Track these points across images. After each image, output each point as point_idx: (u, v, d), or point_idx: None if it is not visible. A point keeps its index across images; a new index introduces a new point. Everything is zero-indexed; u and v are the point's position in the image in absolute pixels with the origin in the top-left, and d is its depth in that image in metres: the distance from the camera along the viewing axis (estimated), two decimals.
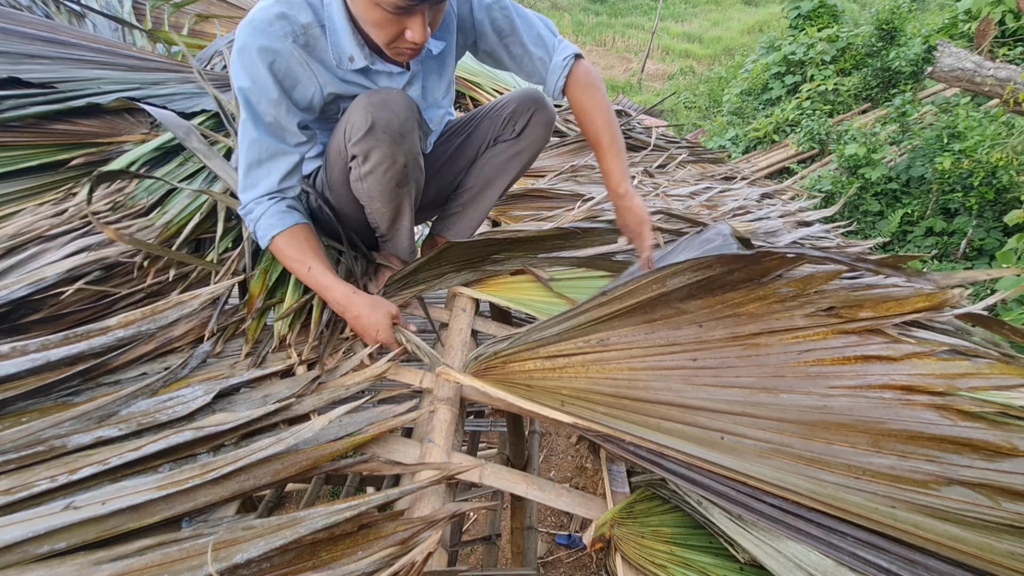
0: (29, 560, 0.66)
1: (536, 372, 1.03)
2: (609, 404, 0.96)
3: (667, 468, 0.87)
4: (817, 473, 0.84)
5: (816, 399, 0.94)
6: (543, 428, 3.97)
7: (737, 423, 0.91)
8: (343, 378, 1.06)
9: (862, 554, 0.76)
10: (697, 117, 9.26)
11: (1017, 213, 3.34)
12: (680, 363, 1.01)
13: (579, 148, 2.87)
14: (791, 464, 0.86)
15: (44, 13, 2.26)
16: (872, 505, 0.80)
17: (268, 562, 0.71)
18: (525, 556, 2.11)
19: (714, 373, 0.99)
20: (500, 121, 1.34)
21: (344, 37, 1.04)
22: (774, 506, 0.82)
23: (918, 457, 0.86)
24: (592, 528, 0.90)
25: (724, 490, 0.84)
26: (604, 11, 15.37)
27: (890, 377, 0.96)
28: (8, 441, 0.78)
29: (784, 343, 1.03)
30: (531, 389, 1.00)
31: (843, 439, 0.88)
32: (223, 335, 1.10)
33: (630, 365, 1.01)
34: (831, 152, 5.23)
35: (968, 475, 0.83)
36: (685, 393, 0.96)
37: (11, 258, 1.14)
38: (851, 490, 0.82)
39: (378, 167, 1.10)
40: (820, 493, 0.81)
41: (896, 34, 6.45)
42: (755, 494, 0.83)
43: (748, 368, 0.99)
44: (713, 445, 0.89)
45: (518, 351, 1.05)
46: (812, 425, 0.90)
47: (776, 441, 0.89)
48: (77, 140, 1.51)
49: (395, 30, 0.95)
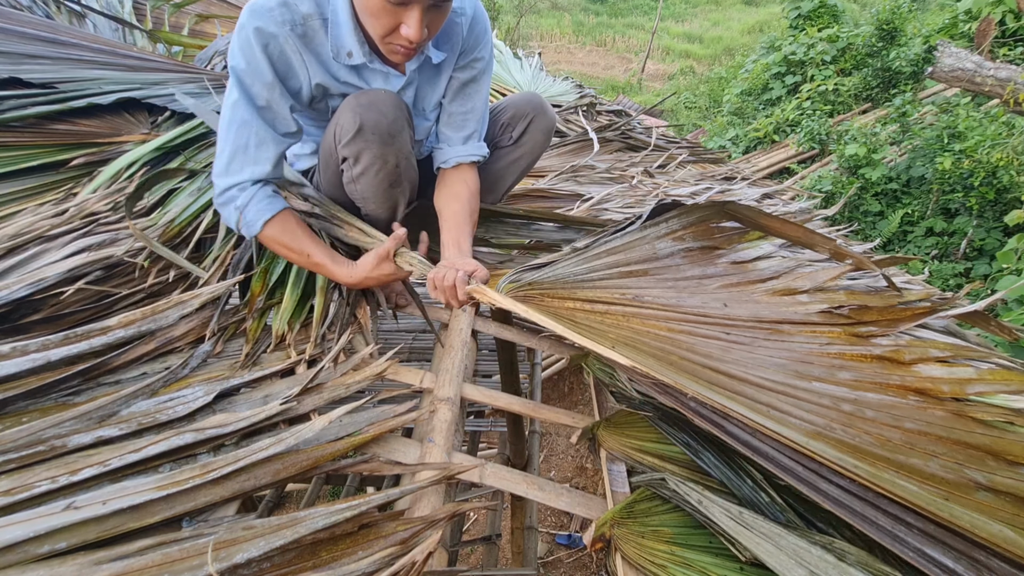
0: (30, 560, 0.66)
1: (579, 312, 0.98)
2: (657, 357, 0.91)
3: (729, 432, 0.82)
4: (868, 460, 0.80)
5: (846, 391, 0.91)
6: (543, 428, 3.97)
7: (781, 401, 0.87)
8: (343, 378, 1.06)
9: (928, 551, 0.71)
10: (697, 117, 9.26)
11: (1017, 213, 3.34)
12: (715, 334, 0.98)
13: (579, 148, 2.87)
14: (835, 449, 0.80)
15: (44, 13, 2.26)
16: (927, 495, 0.75)
17: (268, 562, 0.71)
18: (525, 556, 2.11)
19: (748, 349, 0.96)
20: (497, 127, 1.34)
21: (346, 31, 1.04)
22: (840, 487, 0.76)
23: (948, 458, 0.83)
24: (592, 528, 0.90)
25: (790, 464, 0.78)
26: (604, 11, 15.37)
27: (903, 379, 0.95)
28: (8, 441, 0.78)
29: (806, 334, 1.02)
30: (578, 325, 0.95)
31: (879, 432, 0.85)
32: (223, 335, 1.10)
33: (668, 326, 0.98)
34: (831, 152, 5.23)
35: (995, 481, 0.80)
36: (726, 362, 0.92)
37: (11, 258, 1.14)
38: (904, 478, 0.77)
39: (370, 168, 1.10)
40: (879, 477, 0.76)
41: (896, 34, 6.45)
42: (820, 471, 0.77)
43: (778, 351, 0.97)
44: (765, 416, 0.83)
45: (555, 287, 1.01)
46: (850, 415, 0.87)
47: (820, 424, 0.84)
48: (77, 140, 1.51)
49: (391, 22, 0.95)
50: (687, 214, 1.17)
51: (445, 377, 1.14)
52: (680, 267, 1.12)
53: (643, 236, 1.14)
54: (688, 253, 1.16)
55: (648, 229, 1.15)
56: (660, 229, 1.16)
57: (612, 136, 3.16)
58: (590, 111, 3.72)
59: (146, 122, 1.64)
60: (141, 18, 2.57)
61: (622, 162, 2.85)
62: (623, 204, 1.99)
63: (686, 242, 1.17)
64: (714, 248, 1.19)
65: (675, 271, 1.11)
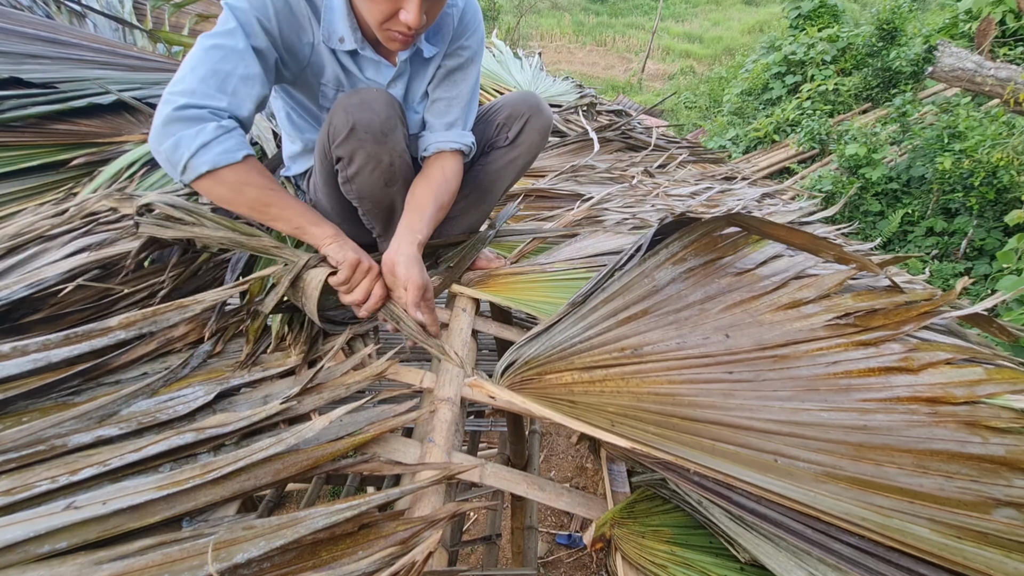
0: (30, 560, 0.67)
1: (576, 386, 0.98)
2: (658, 423, 0.90)
3: (735, 502, 0.81)
4: (877, 501, 0.80)
5: (855, 417, 0.91)
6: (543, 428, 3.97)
7: (788, 444, 0.87)
8: (343, 377, 1.06)
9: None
10: (697, 117, 9.26)
11: (1017, 213, 3.34)
12: (717, 376, 0.98)
13: (579, 148, 2.87)
14: (848, 491, 0.81)
15: (45, 13, 2.26)
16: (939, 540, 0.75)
17: (268, 562, 0.71)
18: (525, 556, 2.11)
19: (752, 387, 0.96)
20: (493, 128, 1.33)
21: (339, 17, 1.03)
22: (852, 545, 0.76)
23: (963, 477, 0.82)
24: (592, 528, 0.90)
25: (799, 528, 0.78)
26: (604, 11, 15.36)
27: (914, 389, 0.94)
28: (9, 441, 0.78)
29: (811, 355, 1.01)
30: (575, 406, 0.95)
31: (890, 460, 0.84)
32: (224, 335, 1.10)
33: (669, 378, 0.98)
34: (831, 152, 5.23)
35: (1013, 494, 0.79)
36: (730, 410, 0.92)
37: (12, 258, 1.15)
38: (915, 519, 0.77)
39: (364, 168, 1.09)
40: (889, 528, 0.76)
41: (896, 34, 6.46)
42: (828, 531, 0.77)
43: (783, 382, 0.97)
44: (770, 469, 0.83)
45: (551, 360, 1.01)
46: (859, 446, 0.87)
47: (828, 464, 0.84)
48: (78, 140, 1.51)
49: (390, 8, 0.94)
50: (688, 233, 1.16)
51: (445, 377, 1.14)
52: (681, 294, 1.11)
53: (642, 270, 1.13)
54: (690, 273, 1.14)
55: (648, 261, 1.14)
56: (660, 257, 1.15)
57: (612, 136, 3.16)
58: (590, 111, 3.72)
59: (146, 122, 1.64)
60: (141, 18, 2.57)
61: (622, 162, 2.85)
62: (623, 204, 1.99)
63: (687, 262, 1.16)
64: (717, 259, 1.18)
65: (676, 300, 1.09)
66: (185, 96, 0.90)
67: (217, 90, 0.92)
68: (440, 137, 1.22)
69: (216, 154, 0.91)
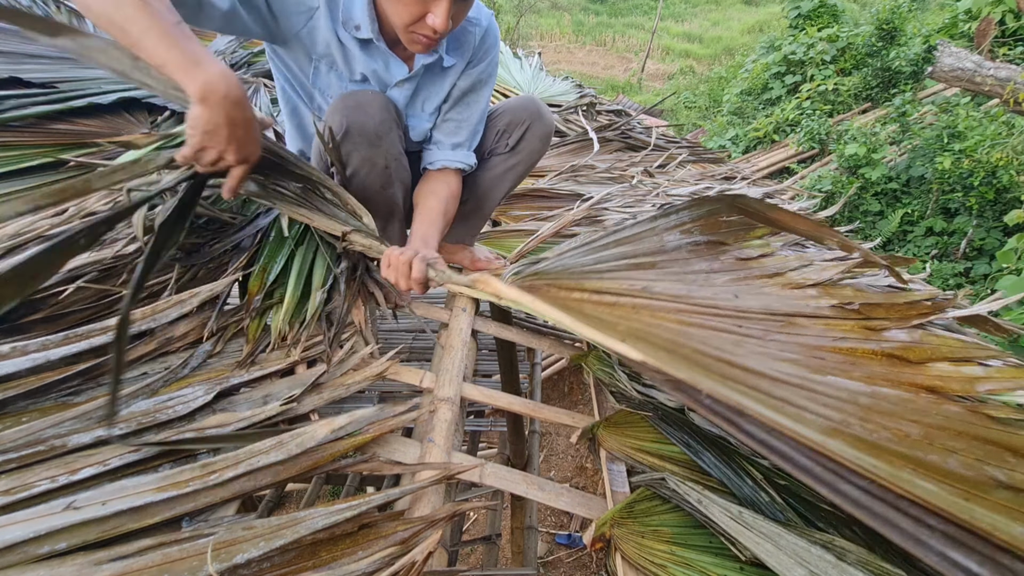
0: (29, 560, 0.66)
1: (587, 304, 0.96)
2: (669, 350, 0.88)
3: (746, 430, 0.78)
4: (886, 457, 0.77)
5: (861, 385, 0.89)
6: (543, 428, 3.96)
7: (796, 395, 0.84)
8: (343, 377, 1.06)
9: (951, 554, 0.68)
10: (697, 117, 9.26)
11: (1017, 213, 3.34)
12: (727, 327, 0.96)
13: (579, 148, 2.87)
14: (854, 446, 0.77)
15: (45, 13, 2.26)
16: (948, 496, 0.72)
17: (268, 562, 0.71)
18: (525, 556, 2.11)
19: (760, 343, 0.95)
20: (493, 134, 1.32)
21: (358, 4, 1.02)
22: (861, 488, 0.73)
23: (966, 455, 0.80)
24: (592, 528, 0.90)
25: (808, 464, 0.75)
26: (604, 11, 15.37)
27: (914, 378, 0.94)
28: (8, 441, 0.78)
29: (818, 327, 1.01)
30: (586, 317, 0.92)
31: (897, 426, 0.82)
32: (223, 335, 1.10)
33: (679, 318, 0.96)
34: (831, 152, 5.23)
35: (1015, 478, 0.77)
36: (739, 355, 0.90)
37: (11, 258, 1.14)
38: (922, 478, 0.74)
39: (359, 170, 1.09)
40: (898, 477, 0.73)
41: (896, 34, 6.46)
42: (840, 471, 0.74)
43: (790, 345, 0.96)
44: (781, 412, 0.80)
45: (560, 277, 0.99)
46: (867, 408, 0.84)
47: (836, 419, 0.81)
48: (78, 140, 1.51)
49: (418, 10, 0.93)
50: (697, 206, 1.16)
51: (445, 377, 1.14)
52: (688, 260, 1.11)
53: (652, 227, 1.12)
54: (695, 248, 1.15)
55: (658, 220, 1.13)
56: (669, 221, 1.14)
57: (612, 136, 3.16)
58: (590, 111, 3.72)
59: (146, 122, 1.64)
60: None
61: (622, 162, 2.85)
62: (623, 204, 1.99)
63: (694, 235, 1.16)
64: (720, 243, 1.19)
65: (683, 264, 1.10)
66: None
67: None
68: (447, 156, 1.24)
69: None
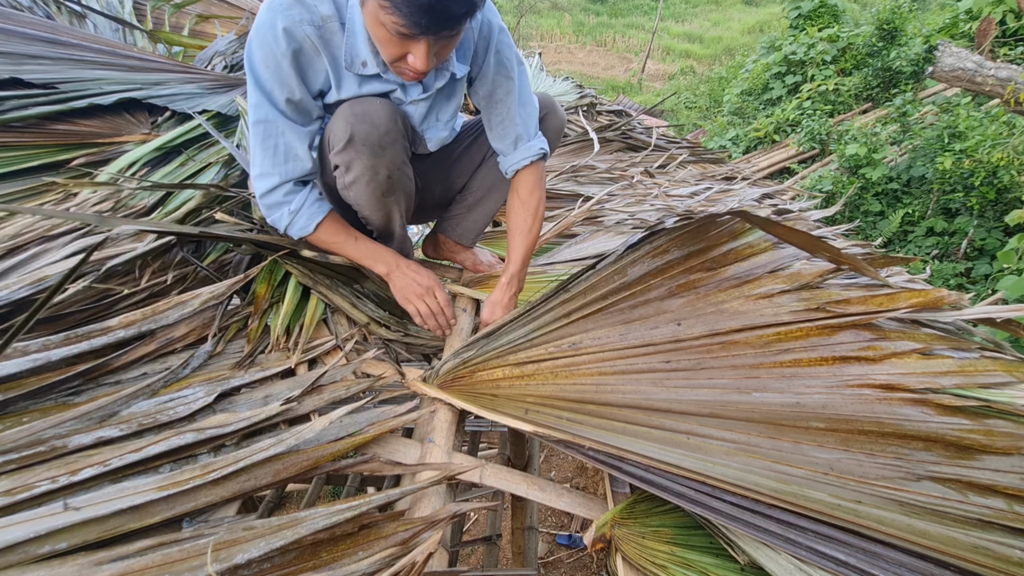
0: (30, 560, 0.66)
1: (504, 380, 1.05)
2: (573, 409, 0.97)
3: (626, 471, 0.88)
4: (783, 471, 0.85)
5: (789, 397, 0.95)
6: None
7: (704, 424, 0.93)
8: (344, 380, 1.06)
9: (821, 548, 0.77)
10: (697, 117, 9.26)
11: (1018, 213, 3.33)
12: (653, 365, 1.02)
13: (580, 148, 2.87)
14: (757, 462, 0.86)
15: (45, 14, 2.26)
16: (835, 501, 0.81)
17: (268, 562, 0.71)
18: (526, 556, 2.11)
19: (686, 376, 1.00)
20: None
21: (361, 41, 1.02)
22: (733, 504, 0.82)
23: (887, 455, 0.87)
24: (593, 528, 0.90)
25: (682, 490, 0.84)
26: (604, 11, 15.37)
27: (869, 376, 0.97)
28: (9, 441, 0.78)
29: (764, 341, 1.04)
30: (496, 399, 1.02)
31: (812, 439, 0.89)
32: (224, 335, 1.10)
33: (600, 369, 1.03)
34: (832, 152, 5.23)
35: (938, 471, 0.84)
36: (654, 396, 0.98)
37: (12, 258, 1.15)
38: (817, 486, 0.83)
39: (360, 179, 1.09)
40: (782, 491, 0.82)
41: (897, 34, 6.46)
42: (715, 492, 0.83)
43: (722, 369, 1.00)
44: (677, 445, 0.90)
45: (487, 358, 1.07)
46: (781, 425, 0.92)
47: (742, 441, 0.90)
48: (78, 140, 1.51)
49: (398, 51, 0.93)
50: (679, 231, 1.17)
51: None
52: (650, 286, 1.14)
53: (616, 267, 1.15)
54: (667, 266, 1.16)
55: (625, 258, 1.16)
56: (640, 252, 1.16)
57: (612, 136, 3.16)
58: (590, 111, 3.72)
59: (146, 122, 1.64)
60: (141, 18, 2.57)
61: (622, 162, 2.85)
62: (623, 204, 1.99)
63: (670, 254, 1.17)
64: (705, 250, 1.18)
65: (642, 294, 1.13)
66: (257, 180, 1.11)
67: (273, 167, 1.09)
68: (513, 159, 1.26)
69: (298, 229, 1.16)
